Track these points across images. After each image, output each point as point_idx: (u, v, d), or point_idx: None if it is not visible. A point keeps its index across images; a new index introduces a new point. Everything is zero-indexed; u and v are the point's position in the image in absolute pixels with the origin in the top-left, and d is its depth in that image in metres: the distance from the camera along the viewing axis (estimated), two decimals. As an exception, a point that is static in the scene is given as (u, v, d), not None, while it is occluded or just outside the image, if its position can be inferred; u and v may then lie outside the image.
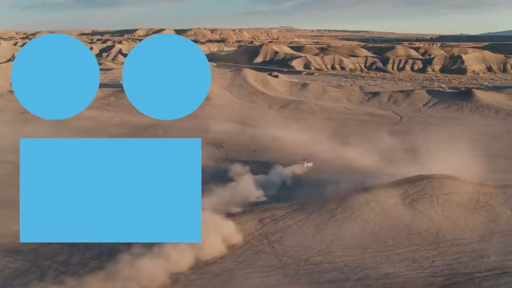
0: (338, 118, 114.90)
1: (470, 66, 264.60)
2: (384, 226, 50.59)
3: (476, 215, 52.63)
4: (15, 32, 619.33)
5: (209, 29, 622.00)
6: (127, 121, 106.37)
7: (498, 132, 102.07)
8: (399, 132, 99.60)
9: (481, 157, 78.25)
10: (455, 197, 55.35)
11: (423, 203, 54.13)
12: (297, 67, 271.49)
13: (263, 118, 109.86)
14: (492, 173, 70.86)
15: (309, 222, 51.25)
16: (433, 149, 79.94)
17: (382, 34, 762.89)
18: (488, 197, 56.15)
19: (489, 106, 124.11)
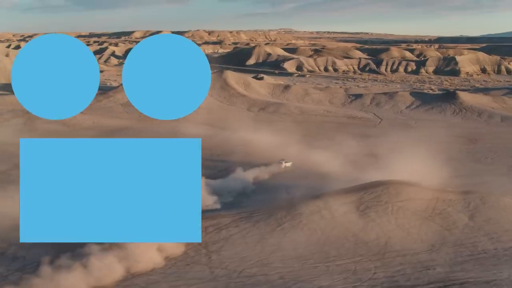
0: (316, 120, 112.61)
1: (463, 68, 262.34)
2: (331, 235, 48.19)
3: (431, 223, 50.22)
4: (12, 34, 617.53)
5: (206, 31, 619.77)
6: (99, 124, 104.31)
7: (476, 135, 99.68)
8: (374, 135, 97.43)
9: (452, 161, 76.13)
10: (411, 204, 52.92)
11: (377, 211, 51.73)
12: (289, 69, 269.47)
13: (238, 121, 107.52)
14: (460, 178, 68.68)
15: (253, 231, 48.86)
16: (402, 153, 77.41)
17: (381, 35, 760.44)
18: (446, 204, 53.80)
19: (473, 108, 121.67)
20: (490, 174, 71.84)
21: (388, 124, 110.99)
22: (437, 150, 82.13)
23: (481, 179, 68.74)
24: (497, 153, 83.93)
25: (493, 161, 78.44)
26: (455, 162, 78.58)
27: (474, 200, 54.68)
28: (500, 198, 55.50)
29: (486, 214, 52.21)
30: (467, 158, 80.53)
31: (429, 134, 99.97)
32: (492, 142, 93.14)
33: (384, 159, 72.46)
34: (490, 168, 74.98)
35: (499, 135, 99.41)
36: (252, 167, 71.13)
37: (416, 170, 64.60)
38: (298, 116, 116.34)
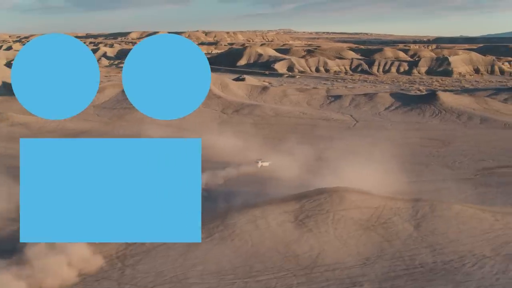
0: (290, 123, 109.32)
1: (456, 68, 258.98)
2: (262, 247, 44.91)
3: (372, 234, 46.93)
4: (9, 35, 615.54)
5: (203, 32, 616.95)
6: (63, 127, 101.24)
7: (451, 137, 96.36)
8: (345, 137, 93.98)
9: (417, 165, 72.94)
10: (354, 213, 49.61)
11: (316, 221, 48.47)
12: (280, 70, 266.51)
13: (208, 123, 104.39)
14: (420, 183, 65.59)
15: (181, 242, 45.32)
16: (365, 157, 74.20)
17: (381, 36, 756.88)
18: (393, 212, 50.46)
19: (453, 109, 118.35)
20: (454, 179, 68.56)
21: (363, 126, 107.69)
22: (405, 154, 79.10)
23: (443, 185, 65.42)
24: (467, 157, 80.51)
25: (461, 165, 75.00)
26: (421, 166, 75.41)
27: (423, 208, 51.41)
28: (452, 205, 52.23)
29: (434, 224, 48.97)
30: (435, 162, 77.09)
31: (402, 137, 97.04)
32: (466, 145, 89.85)
33: (344, 163, 69.01)
34: (456, 172, 71.65)
35: (474, 138, 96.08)
36: (204, 171, 67.57)
37: (373, 175, 61.39)
38: (272, 118, 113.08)
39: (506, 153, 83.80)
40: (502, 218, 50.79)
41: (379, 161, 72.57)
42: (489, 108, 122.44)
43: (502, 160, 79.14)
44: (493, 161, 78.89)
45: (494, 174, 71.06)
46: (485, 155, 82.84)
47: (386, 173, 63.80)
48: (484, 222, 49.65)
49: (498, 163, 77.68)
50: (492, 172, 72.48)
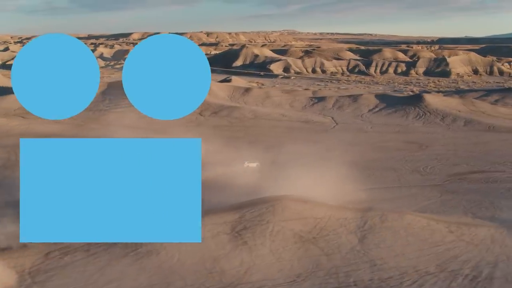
0: (266, 125, 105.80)
1: (454, 69, 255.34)
2: (189, 262, 41.53)
3: (311, 247, 43.39)
4: (10, 36, 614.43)
5: (205, 32, 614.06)
6: (32, 130, 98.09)
7: (430, 140, 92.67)
8: (319, 141, 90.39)
9: (386, 171, 69.40)
10: (297, 224, 46.12)
11: (254, 232, 45.08)
12: (275, 71, 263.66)
13: (181, 126, 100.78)
14: (381, 190, 62.33)
15: (103, 256, 42.18)
16: (330, 163, 70.79)
17: (384, 37, 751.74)
18: (339, 223, 46.93)
19: (438, 111, 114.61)
20: (420, 185, 65.03)
21: (341, 129, 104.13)
22: (376, 158, 75.76)
23: (406, 192, 61.87)
24: (442, 161, 76.83)
25: (433, 171, 71.30)
26: (389, 171, 71.80)
27: (372, 218, 47.90)
28: (404, 215, 48.67)
29: (381, 236, 45.43)
30: (406, 166, 73.40)
31: (379, 140, 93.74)
32: (444, 148, 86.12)
33: (304, 169, 65.61)
34: (425, 178, 68.03)
35: (454, 141, 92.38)
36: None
37: (331, 182, 57.94)
38: (250, 121, 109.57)
39: (483, 157, 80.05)
40: (456, 229, 47.20)
41: (345, 166, 69.21)
42: (476, 110, 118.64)
43: (478, 165, 75.40)
44: (467, 165, 75.17)
45: (465, 180, 67.41)
46: (461, 159, 79.13)
47: (346, 180, 60.35)
48: (436, 234, 46.09)
49: (472, 167, 73.98)
50: (463, 177, 68.81)
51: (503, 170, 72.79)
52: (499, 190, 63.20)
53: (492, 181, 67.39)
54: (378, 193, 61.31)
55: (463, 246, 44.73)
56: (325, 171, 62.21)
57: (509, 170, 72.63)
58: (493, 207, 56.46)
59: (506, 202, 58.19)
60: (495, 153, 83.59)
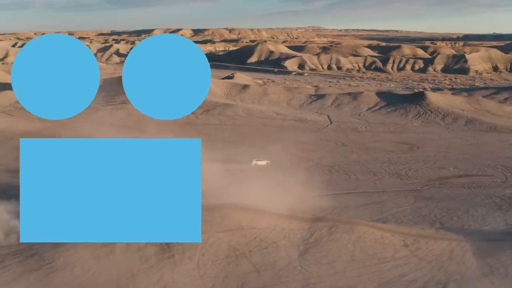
0: (257, 124, 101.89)
1: (473, 66, 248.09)
2: (103, 277, 38.09)
3: (244, 262, 39.48)
4: (34, 32, 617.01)
5: (226, 29, 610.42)
6: (14, 127, 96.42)
7: (424, 140, 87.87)
8: (306, 142, 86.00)
9: (365, 174, 65.05)
10: (234, 235, 42.16)
11: (185, 244, 41.17)
12: (290, 67, 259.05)
13: (168, 125, 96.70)
14: (349, 196, 58.22)
15: (15, 269, 39.02)
16: (305, 165, 66.64)
17: (410, 33, 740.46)
18: (283, 234, 42.78)
19: (439, 110, 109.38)
20: (396, 190, 60.78)
21: (334, 128, 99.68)
22: (359, 160, 71.36)
23: (376, 198, 57.56)
24: (428, 164, 72.11)
25: (415, 174, 66.62)
26: (368, 175, 67.28)
27: (321, 229, 43.66)
28: (357, 226, 44.24)
29: (326, 249, 41.23)
30: (388, 169, 68.74)
31: (370, 140, 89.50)
32: (435, 150, 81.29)
33: (270, 173, 61.42)
34: (403, 182, 63.48)
35: (449, 141, 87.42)
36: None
37: (294, 188, 53.63)
38: (241, 119, 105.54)
39: (475, 159, 75.09)
40: (413, 242, 42.64)
41: (320, 169, 65.13)
42: (481, 109, 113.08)
43: (466, 168, 70.51)
44: (454, 168, 70.29)
45: (446, 185, 62.69)
46: (451, 161, 74.30)
47: (312, 185, 56.14)
48: (387, 248, 41.59)
49: (458, 171, 69.13)
50: (446, 182, 64.09)
51: (491, 174, 67.69)
52: (480, 196, 58.25)
53: (476, 186, 62.41)
54: (345, 199, 56.87)
55: (414, 262, 40.17)
56: (293, 176, 58.01)
57: (497, 174, 67.52)
58: (466, 216, 51.65)
59: (482, 210, 53.33)
60: (489, 155, 78.41)
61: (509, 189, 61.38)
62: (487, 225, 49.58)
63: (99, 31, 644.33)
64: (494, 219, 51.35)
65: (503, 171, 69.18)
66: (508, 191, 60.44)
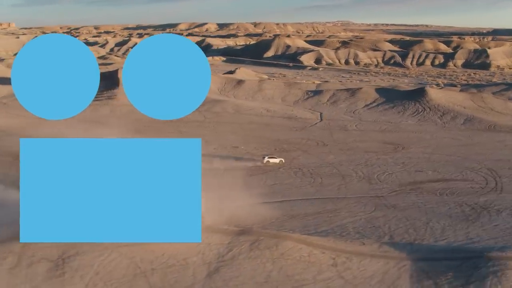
0: (243, 121, 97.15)
1: (495, 61, 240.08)
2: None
3: (140, 283, 34.95)
4: (60, 26, 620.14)
5: (252, 23, 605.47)
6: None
7: (413, 140, 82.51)
8: (283, 140, 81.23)
9: (330, 177, 59.93)
10: (141, 251, 38.08)
11: (82, 260, 36.85)
12: (306, 62, 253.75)
13: (147, 122, 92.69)
14: (306, 203, 52.63)
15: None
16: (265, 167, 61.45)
17: (440, 28, 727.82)
18: (197, 250, 38.53)
19: (439, 107, 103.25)
20: (358, 196, 55.79)
21: (322, 126, 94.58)
22: (332, 162, 66.44)
23: (332, 206, 52.70)
24: (407, 166, 66.64)
25: (388, 178, 61.31)
26: (335, 178, 62.26)
27: (242, 244, 38.86)
28: (284, 241, 38.99)
29: (239, 268, 36.49)
30: (360, 172, 63.49)
31: (355, 140, 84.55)
32: (421, 151, 75.72)
33: (221, 176, 56.41)
34: (371, 187, 58.52)
35: (440, 142, 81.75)
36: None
37: (237, 194, 48.81)
38: (228, 116, 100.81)
39: (460, 161, 69.35)
40: (345, 261, 37.41)
41: (285, 171, 60.39)
42: (484, 106, 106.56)
43: (446, 171, 64.88)
44: (433, 172, 64.59)
45: (416, 191, 57.25)
46: (432, 164, 68.65)
47: (266, 190, 51.45)
48: (311, 268, 36.38)
49: (437, 175, 63.54)
50: (418, 187, 58.65)
51: (472, 179, 61.87)
52: (449, 204, 52.68)
53: (449, 192, 56.76)
54: (297, 206, 51.71)
55: (337, 286, 34.64)
56: (247, 179, 53.42)
57: (479, 179, 61.72)
58: (424, 229, 46.16)
59: (446, 221, 47.80)
60: (478, 157, 72.40)
61: (484, 197, 55.41)
62: (443, 240, 43.92)
63: (125, 25, 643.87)
64: (455, 232, 45.63)
65: (486, 176, 63.22)
66: (482, 199, 54.57)
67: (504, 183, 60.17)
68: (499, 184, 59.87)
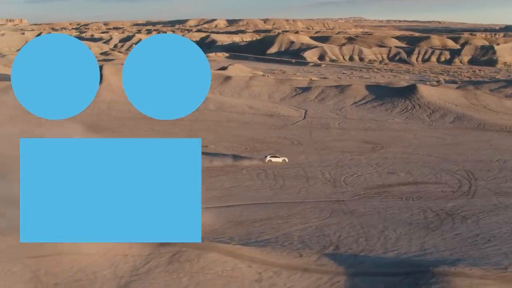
0: (222, 119, 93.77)
1: (502, 57, 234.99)
2: None
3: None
4: (69, 22, 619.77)
5: (261, 19, 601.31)
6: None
7: (394, 140, 78.66)
8: (257, 139, 77.43)
9: (295, 180, 56.10)
10: (44, 265, 35.68)
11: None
12: (309, 58, 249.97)
13: (119, 120, 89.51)
14: (253, 208, 48.56)
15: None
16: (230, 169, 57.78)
17: (452, 24, 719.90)
18: (110, 263, 35.40)
19: (429, 105, 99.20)
20: (318, 201, 51.78)
21: (304, 124, 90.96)
22: (302, 163, 63.41)
23: (286, 211, 49.19)
24: (380, 168, 62.94)
25: (354, 181, 57.99)
26: (299, 181, 58.69)
27: (162, 256, 35.69)
28: (208, 254, 35.45)
29: (151, 284, 33.34)
30: (327, 174, 60.26)
31: (334, 139, 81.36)
32: (399, 151, 72.02)
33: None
34: (334, 191, 54.97)
35: (422, 141, 77.95)
36: None
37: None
38: (207, 114, 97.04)
39: (438, 163, 65.65)
40: (271, 276, 33.87)
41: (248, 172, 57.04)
42: (477, 104, 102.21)
43: (419, 174, 61.18)
44: (406, 174, 60.82)
45: (381, 195, 53.49)
46: (407, 165, 64.91)
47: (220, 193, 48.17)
48: (233, 284, 33.05)
49: (408, 178, 59.71)
50: (384, 191, 54.95)
51: (445, 182, 58.01)
52: (412, 210, 48.80)
53: (416, 197, 52.79)
54: (247, 212, 48.20)
55: (255, 305, 30.81)
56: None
57: (453, 182, 57.85)
58: (377, 238, 42.38)
59: (403, 229, 43.97)
60: (458, 157, 68.43)
61: (453, 202, 51.43)
62: (393, 251, 39.97)
63: (134, 21, 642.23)
64: (409, 242, 41.68)
65: (461, 178, 59.20)
66: (450, 204, 50.60)
67: (479, 187, 56.01)
68: (472, 188, 55.75)
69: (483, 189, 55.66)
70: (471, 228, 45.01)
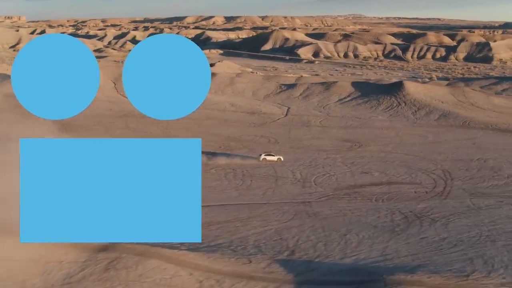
0: (201, 117, 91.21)
1: (497, 54, 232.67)
2: None
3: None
4: (67, 20, 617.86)
5: (259, 16, 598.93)
6: None
7: (374, 138, 76.80)
8: (233, 138, 75.65)
9: (264, 180, 53.81)
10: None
11: None
12: (303, 55, 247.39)
13: (98, 118, 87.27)
14: (213, 210, 46.00)
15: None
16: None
17: (452, 21, 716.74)
18: (41, 270, 34.15)
19: (415, 102, 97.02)
20: (282, 202, 49.68)
21: (284, 122, 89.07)
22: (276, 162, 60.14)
23: (246, 214, 46.91)
24: (354, 167, 60.81)
25: (325, 181, 55.76)
26: (267, 181, 56.61)
27: (99, 262, 33.70)
28: (148, 260, 33.12)
29: (81, 294, 29.76)
30: (298, 174, 58.44)
31: (313, 137, 79.34)
32: (378, 150, 69.89)
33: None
34: (302, 192, 52.86)
35: (403, 139, 75.85)
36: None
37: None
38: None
39: (415, 162, 63.68)
40: (213, 285, 32.06)
41: (217, 171, 55.02)
42: (465, 101, 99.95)
43: (394, 173, 59.26)
44: (380, 174, 58.73)
45: (349, 196, 51.45)
46: (384, 164, 62.77)
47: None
48: (169, 292, 30.07)
49: (382, 177, 57.69)
50: (354, 191, 52.84)
51: (420, 182, 55.83)
52: (380, 212, 46.65)
53: (387, 198, 50.57)
54: (206, 214, 45.43)
55: (189, 316, 28.54)
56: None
57: (427, 182, 55.72)
58: (337, 242, 40.53)
59: (367, 233, 41.89)
60: (438, 156, 66.36)
61: (424, 203, 49.23)
62: (352, 256, 37.77)
63: (132, 19, 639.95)
64: (371, 247, 39.45)
65: (437, 178, 57.02)
66: (421, 206, 48.41)
67: (454, 187, 53.78)
68: (447, 188, 53.56)
69: (458, 190, 53.45)
70: (439, 231, 42.81)
